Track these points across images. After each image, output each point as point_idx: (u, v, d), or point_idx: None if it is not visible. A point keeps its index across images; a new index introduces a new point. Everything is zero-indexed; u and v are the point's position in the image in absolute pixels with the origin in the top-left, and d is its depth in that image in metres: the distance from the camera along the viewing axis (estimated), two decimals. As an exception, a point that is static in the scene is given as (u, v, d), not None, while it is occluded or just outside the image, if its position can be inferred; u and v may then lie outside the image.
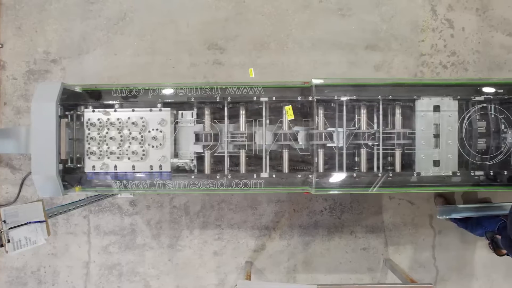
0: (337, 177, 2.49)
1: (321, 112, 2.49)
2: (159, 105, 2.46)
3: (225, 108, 2.49)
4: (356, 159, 2.59)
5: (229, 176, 2.43)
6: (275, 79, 3.56)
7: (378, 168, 2.49)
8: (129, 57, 3.61)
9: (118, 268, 3.63)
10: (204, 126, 2.53)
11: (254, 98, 2.43)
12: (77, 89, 2.50)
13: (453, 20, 3.67)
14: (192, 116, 2.56)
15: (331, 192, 3.09)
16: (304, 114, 2.55)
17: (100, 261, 3.64)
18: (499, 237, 2.62)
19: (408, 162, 2.53)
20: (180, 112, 2.58)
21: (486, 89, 2.52)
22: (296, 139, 2.49)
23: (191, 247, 3.64)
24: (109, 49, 3.62)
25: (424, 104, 2.47)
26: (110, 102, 2.47)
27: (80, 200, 2.81)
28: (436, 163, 2.47)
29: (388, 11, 3.65)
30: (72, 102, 2.46)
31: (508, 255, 2.58)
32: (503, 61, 3.67)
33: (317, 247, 3.64)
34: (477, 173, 2.47)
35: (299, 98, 2.44)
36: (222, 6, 3.63)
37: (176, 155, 2.54)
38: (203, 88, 2.51)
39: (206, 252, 3.64)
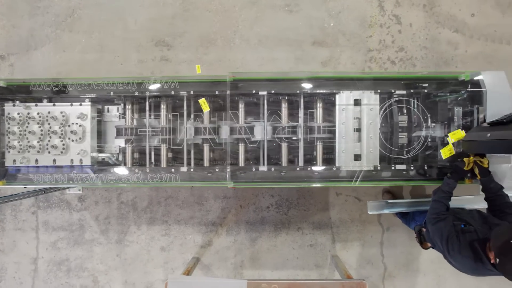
0: (259, 170, 2.49)
1: (241, 106, 2.49)
2: (87, 100, 2.47)
3: (147, 103, 2.50)
4: (282, 152, 2.59)
5: (147, 170, 2.43)
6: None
7: (299, 162, 2.49)
8: (77, 54, 3.64)
9: (66, 264, 3.65)
10: (126, 120, 2.54)
11: (172, 92, 2.43)
12: (1, 84, 2.52)
13: (400, 16, 3.66)
14: (118, 111, 2.58)
15: (248, 186, 3.06)
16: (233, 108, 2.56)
17: (49, 257, 3.66)
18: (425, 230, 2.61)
19: (331, 157, 2.53)
20: (106, 106, 2.59)
21: (410, 84, 2.51)
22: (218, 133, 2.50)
23: (139, 242, 3.65)
24: (58, 45, 3.65)
25: (344, 98, 2.46)
26: (37, 96, 2.49)
27: (13, 195, 2.83)
28: (358, 157, 2.46)
29: (335, 7, 3.65)
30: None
31: (433, 247, 2.57)
32: (450, 57, 3.66)
33: (264, 243, 3.64)
34: (399, 167, 2.46)
35: (217, 92, 2.44)
36: (170, 3, 3.65)
37: (100, 149, 2.55)
38: (130, 83, 2.51)
39: (153, 247, 3.65)
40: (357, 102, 2.46)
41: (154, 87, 2.46)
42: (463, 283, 3.67)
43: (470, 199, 2.56)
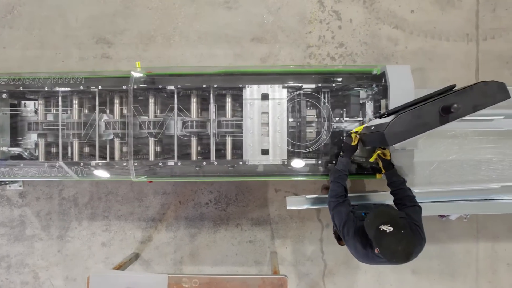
0: (168, 164, 2.50)
1: (151, 101, 2.50)
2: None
3: (59, 98, 2.52)
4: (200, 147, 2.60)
5: (57, 164, 2.46)
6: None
7: (211, 156, 2.50)
8: (18, 51, 3.67)
9: (6, 260, 3.68)
10: (39, 115, 2.56)
11: (81, 87, 2.45)
12: None
13: (340, 12, 3.66)
14: (35, 106, 2.61)
15: (162, 180, 3.03)
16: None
17: (-11, 252, 3.69)
18: None
19: (241, 151, 2.54)
20: (23, 102, 2.62)
21: (322, 78, 2.51)
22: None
23: (80, 238, 3.68)
24: (-1, 42, 3.68)
25: (251, 92, 2.47)
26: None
27: None
28: (265, 151, 2.46)
29: (275, 3, 3.65)
30: None
31: None
32: (390, 53, 3.65)
33: (203, 239, 3.65)
34: (307, 161, 2.46)
35: (124, 87, 2.45)
36: (110, 1, 3.67)
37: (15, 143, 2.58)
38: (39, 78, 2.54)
39: (94, 243, 3.67)
40: (265, 97, 2.47)
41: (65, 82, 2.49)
42: (403, 279, 3.66)
43: (380, 194, 2.56)
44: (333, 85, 2.44)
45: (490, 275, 3.67)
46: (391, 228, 1.80)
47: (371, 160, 2.24)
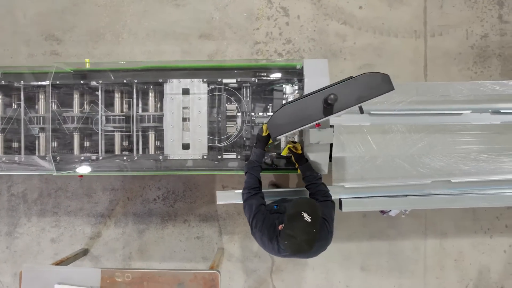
0: (92, 160, 2.52)
1: (76, 96, 2.52)
2: None
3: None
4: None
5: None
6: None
7: (134, 150, 2.51)
8: (-32, 48, 3.70)
9: (-45, 256, 3.71)
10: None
11: (2, 82, 2.48)
12: None
13: (288, 8, 3.66)
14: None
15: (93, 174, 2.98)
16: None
17: None
18: None
19: (162, 146, 2.55)
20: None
21: (244, 73, 2.51)
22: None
23: (29, 234, 3.70)
24: None
25: (173, 87, 2.48)
26: None
27: None
28: (186, 146, 2.48)
29: (222, 0, 3.66)
30: None
31: None
32: (338, 49, 3.65)
33: (152, 235, 3.67)
34: (226, 156, 2.47)
35: (46, 82, 2.47)
36: (59, -3, 3.70)
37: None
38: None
39: (43, 239, 3.70)
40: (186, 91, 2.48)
41: None
42: (352, 276, 3.66)
43: (298, 190, 2.56)
44: (253, 79, 2.45)
45: (437, 271, 3.67)
46: (309, 219, 1.80)
47: (283, 153, 2.24)
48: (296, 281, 3.66)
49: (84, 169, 2.58)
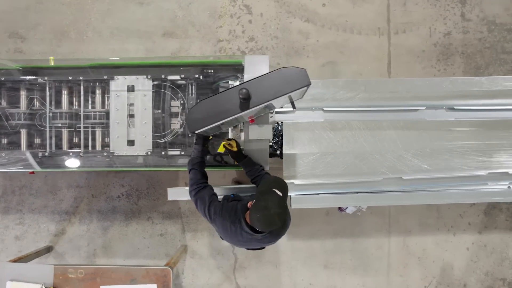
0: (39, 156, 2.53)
1: (23, 93, 2.54)
2: None
3: None
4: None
5: None
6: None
7: (80, 146, 2.53)
8: None
9: None
10: None
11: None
12: None
13: (251, 6, 3.67)
14: None
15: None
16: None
17: None
18: None
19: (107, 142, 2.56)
20: None
21: (190, 69, 2.52)
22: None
23: (-6, 231, 3.72)
24: None
25: (119, 84, 2.49)
26: None
27: None
28: (131, 142, 2.49)
29: (186, -2, 3.68)
30: None
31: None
32: (301, 47, 3.66)
33: (116, 232, 3.68)
34: (171, 152, 2.48)
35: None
36: (23, -5, 3.71)
37: None
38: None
39: (7, 236, 3.71)
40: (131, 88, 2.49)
41: None
42: (315, 274, 3.66)
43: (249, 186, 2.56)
44: (196, 76, 2.46)
45: (401, 269, 3.66)
46: (281, 194, 1.81)
47: (219, 150, 2.25)
48: (259, 279, 3.66)
49: (33, 166, 2.60)
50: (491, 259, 3.67)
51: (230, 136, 2.43)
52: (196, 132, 1.77)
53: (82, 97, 2.52)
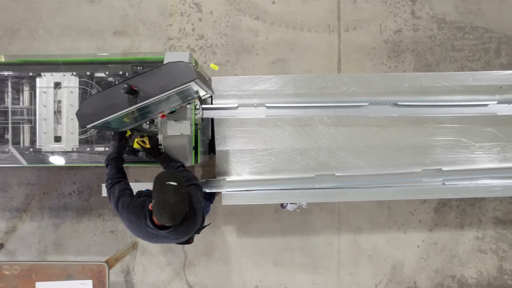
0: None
1: None
2: None
3: None
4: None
5: None
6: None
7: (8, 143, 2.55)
8: None
9: None
10: None
11: None
12: None
13: (201, 4, 3.68)
14: None
15: None
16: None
17: None
18: None
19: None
20: None
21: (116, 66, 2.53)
22: None
23: None
24: None
25: (45, 81, 2.51)
26: None
27: None
28: (58, 138, 2.50)
29: (137, -3, 3.69)
30: None
31: None
32: (251, 44, 3.66)
33: (67, 229, 3.70)
34: (98, 148, 2.49)
35: None
36: (-28, -7, 3.73)
37: None
38: None
39: (-41, 234, 3.74)
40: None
41: None
42: (265, 271, 3.66)
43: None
44: (121, 73, 2.47)
45: (352, 267, 3.66)
46: (176, 183, 1.83)
47: (135, 146, 2.26)
48: (209, 276, 3.67)
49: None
50: (441, 257, 3.67)
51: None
52: (88, 126, 1.78)
53: (10, 94, 2.54)
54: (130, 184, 2.42)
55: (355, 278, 3.66)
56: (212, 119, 2.72)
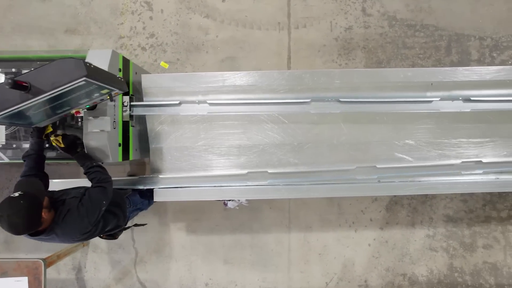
0: None
1: None
2: None
3: None
4: None
5: None
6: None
7: None
8: None
9: None
10: None
11: None
12: None
13: (152, 2, 3.69)
14: None
15: None
16: None
17: None
18: None
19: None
20: None
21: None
22: None
23: None
24: None
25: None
26: None
27: None
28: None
29: (88, -5, 3.70)
30: None
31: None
32: (201, 42, 3.67)
33: (18, 227, 3.71)
34: (24, 145, 2.50)
35: None
36: None
37: None
38: None
39: None
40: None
41: None
42: (215, 269, 3.66)
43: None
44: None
45: (302, 265, 3.65)
46: (17, 194, 1.84)
47: (53, 144, 2.26)
48: (160, 273, 3.67)
49: None
50: (392, 255, 3.65)
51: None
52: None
53: None
54: (56, 180, 2.44)
55: (305, 276, 3.66)
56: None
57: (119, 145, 2.49)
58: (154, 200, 2.73)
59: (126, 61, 2.62)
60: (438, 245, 3.65)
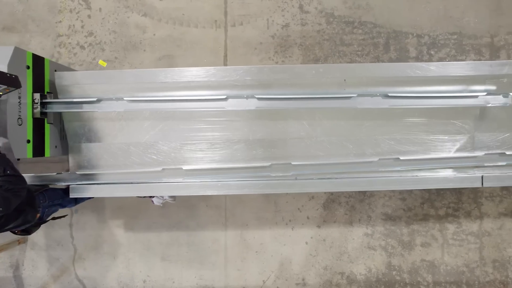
0: None
1: None
2: None
3: None
4: None
5: None
6: None
7: None
8: None
9: None
10: None
11: None
12: None
13: (90, 1, 3.70)
14: None
15: None
16: None
17: None
18: None
19: None
20: None
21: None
22: None
23: None
24: None
25: None
26: None
27: None
28: None
29: (26, -6, 3.72)
30: None
31: None
32: (138, 41, 3.68)
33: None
34: None
35: None
36: None
37: None
38: None
39: None
40: None
41: None
42: (152, 266, 3.67)
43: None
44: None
45: (239, 262, 3.65)
46: None
47: None
48: (98, 270, 3.69)
49: None
50: (330, 253, 3.64)
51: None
52: None
53: None
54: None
55: (242, 274, 3.65)
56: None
57: (28, 141, 2.50)
58: (70, 196, 2.74)
59: (38, 59, 2.64)
60: (376, 243, 3.63)
